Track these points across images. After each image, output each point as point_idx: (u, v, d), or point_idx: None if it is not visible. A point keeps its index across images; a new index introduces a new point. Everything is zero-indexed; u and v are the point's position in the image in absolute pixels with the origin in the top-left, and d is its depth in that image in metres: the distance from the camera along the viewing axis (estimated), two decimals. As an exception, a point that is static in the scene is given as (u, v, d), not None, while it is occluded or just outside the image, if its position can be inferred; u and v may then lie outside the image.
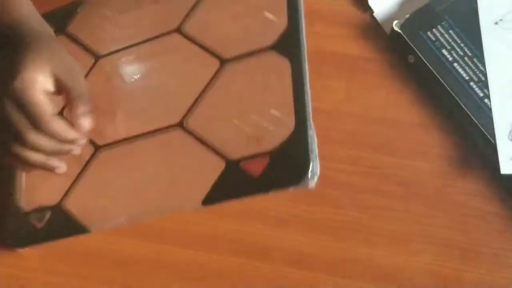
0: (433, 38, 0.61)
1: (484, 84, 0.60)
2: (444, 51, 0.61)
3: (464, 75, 0.60)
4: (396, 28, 0.62)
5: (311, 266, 0.59)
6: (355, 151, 0.61)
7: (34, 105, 0.53)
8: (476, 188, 0.60)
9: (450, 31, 0.61)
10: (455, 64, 0.61)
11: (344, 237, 0.60)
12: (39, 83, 0.53)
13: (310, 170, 0.48)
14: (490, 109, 0.59)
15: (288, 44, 0.53)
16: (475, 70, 0.60)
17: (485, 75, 0.60)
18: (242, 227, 0.60)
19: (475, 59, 0.60)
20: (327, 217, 0.60)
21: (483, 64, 0.60)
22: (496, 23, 0.61)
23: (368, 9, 0.66)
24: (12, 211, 0.61)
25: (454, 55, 0.61)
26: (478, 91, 0.60)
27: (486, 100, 0.59)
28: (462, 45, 0.61)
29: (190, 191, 0.54)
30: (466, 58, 0.61)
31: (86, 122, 0.55)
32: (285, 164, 0.50)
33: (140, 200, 0.56)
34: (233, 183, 0.52)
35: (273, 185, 0.50)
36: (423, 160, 0.61)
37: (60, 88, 0.55)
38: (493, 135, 0.58)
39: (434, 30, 0.61)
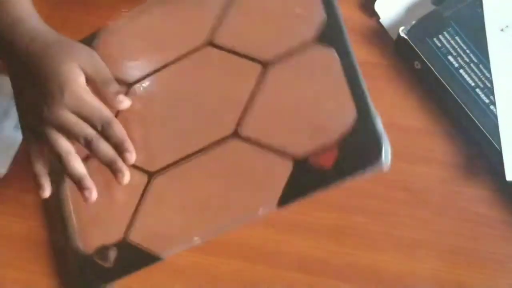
0: (439, 44, 0.61)
1: (490, 91, 0.60)
2: (450, 57, 0.61)
3: (470, 81, 0.60)
4: (402, 34, 0.62)
5: (316, 271, 0.59)
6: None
7: (98, 109, 0.53)
8: (482, 194, 0.60)
9: (456, 38, 0.61)
10: (461, 71, 0.61)
11: (349, 242, 0.60)
12: (83, 84, 0.54)
13: (383, 151, 0.47)
14: (495, 116, 0.59)
15: (330, 33, 0.52)
16: (481, 76, 0.60)
17: (491, 81, 0.60)
18: (248, 231, 0.59)
19: (481, 66, 0.61)
20: (332, 223, 0.60)
21: (489, 71, 0.60)
22: (502, 29, 0.62)
23: (375, 15, 0.66)
24: (74, 256, 0.59)
25: (460, 61, 0.61)
26: (484, 98, 0.60)
27: (491, 107, 0.60)
28: (468, 51, 0.61)
29: (261, 197, 0.52)
30: (472, 65, 0.61)
31: (124, 99, 0.55)
32: (356, 150, 0.49)
33: (210, 216, 0.55)
34: (306, 180, 0.50)
35: (348, 173, 0.49)
36: (428, 166, 0.61)
37: (87, 78, 0.55)
38: (498, 141, 0.59)
39: (440, 36, 0.62)
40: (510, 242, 0.59)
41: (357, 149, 0.49)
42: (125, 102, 0.56)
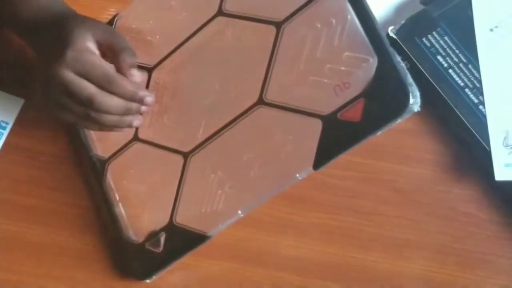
0: (428, 44, 0.61)
1: (478, 91, 0.60)
2: (439, 57, 0.61)
3: (459, 81, 0.60)
4: (391, 34, 0.62)
5: (305, 271, 0.59)
6: (350, 156, 0.60)
7: (99, 67, 0.53)
8: (471, 194, 0.60)
9: (446, 38, 0.61)
10: (450, 71, 0.61)
11: (338, 242, 0.60)
12: (91, 48, 0.54)
13: (411, 95, 0.46)
14: (484, 116, 0.59)
15: None
16: (470, 76, 0.60)
17: (480, 81, 0.60)
18: (237, 232, 0.59)
19: (470, 66, 0.61)
20: (321, 222, 0.60)
21: (478, 71, 0.60)
22: (491, 30, 0.61)
23: (364, 15, 0.66)
24: (126, 246, 0.60)
25: (449, 61, 0.61)
26: (473, 98, 0.60)
27: (480, 107, 0.60)
28: (457, 51, 0.61)
29: (296, 160, 0.52)
30: (461, 65, 0.61)
31: (136, 73, 0.55)
32: (383, 99, 0.47)
33: (249, 187, 0.55)
34: (337, 137, 0.49)
35: (379, 123, 0.47)
36: (417, 166, 0.61)
37: (104, 50, 0.55)
38: (487, 141, 0.59)
39: (429, 36, 0.62)
40: (498, 241, 0.59)
41: (383, 98, 0.47)
42: (136, 76, 0.55)
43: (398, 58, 0.48)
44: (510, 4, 0.62)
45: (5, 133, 0.62)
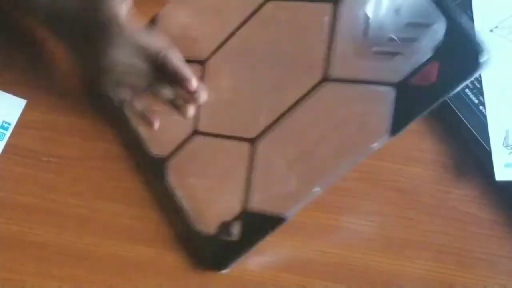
0: (429, 45, 0.62)
1: (479, 91, 0.60)
2: (439, 58, 0.61)
3: (459, 81, 0.61)
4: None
5: (305, 271, 0.59)
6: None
7: (155, 42, 0.55)
8: (471, 194, 0.60)
9: (446, 38, 0.62)
10: (451, 71, 0.61)
11: (338, 242, 0.60)
12: (131, 21, 0.55)
13: (484, 50, 0.47)
14: (485, 116, 0.59)
15: None
16: (470, 77, 0.61)
17: (480, 82, 0.60)
18: (238, 231, 0.60)
19: (470, 66, 0.61)
20: (321, 222, 0.60)
21: (478, 71, 0.61)
22: (491, 30, 0.62)
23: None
24: (199, 239, 0.59)
25: (450, 62, 0.61)
26: (473, 98, 0.60)
27: (481, 107, 0.60)
28: (457, 52, 0.61)
29: (369, 131, 0.51)
30: (461, 65, 0.61)
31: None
32: (455, 59, 0.47)
33: (324, 162, 0.54)
34: (413, 100, 0.49)
35: (453, 83, 0.47)
36: (418, 166, 0.62)
37: None
38: (488, 141, 0.59)
39: (429, 37, 0.62)
40: (499, 241, 0.59)
41: (455, 56, 0.48)
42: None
43: (465, 17, 0.48)
44: (510, 4, 0.62)
45: (7, 133, 0.63)
